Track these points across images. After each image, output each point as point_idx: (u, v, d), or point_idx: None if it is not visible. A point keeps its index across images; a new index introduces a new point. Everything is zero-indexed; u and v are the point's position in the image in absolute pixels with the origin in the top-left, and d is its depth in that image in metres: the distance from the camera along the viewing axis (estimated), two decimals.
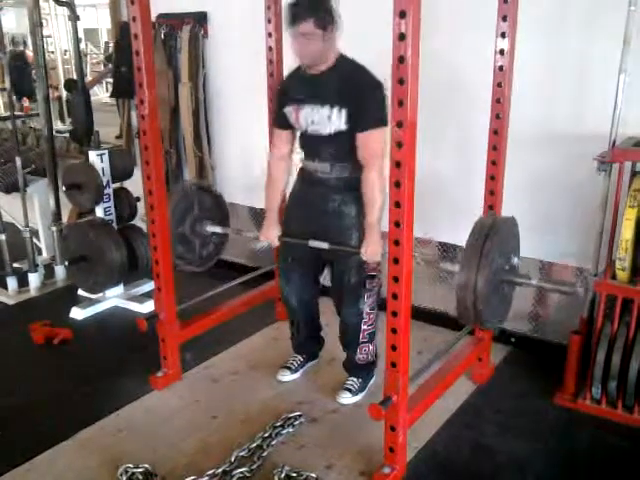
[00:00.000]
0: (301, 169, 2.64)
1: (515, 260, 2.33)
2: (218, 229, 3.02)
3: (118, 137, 4.70)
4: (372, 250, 2.38)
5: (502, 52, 2.45)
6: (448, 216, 3.23)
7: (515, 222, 2.33)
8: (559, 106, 2.82)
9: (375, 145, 2.31)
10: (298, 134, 2.58)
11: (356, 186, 2.42)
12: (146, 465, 2.26)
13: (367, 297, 2.57)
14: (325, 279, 2.81)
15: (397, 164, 1.86)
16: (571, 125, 2.79)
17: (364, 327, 2.62)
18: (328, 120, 2.39)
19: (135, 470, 2.24)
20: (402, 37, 1.73)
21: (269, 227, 2.69)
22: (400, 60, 1.75)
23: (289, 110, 2.50)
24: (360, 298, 2.57)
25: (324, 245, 2.51)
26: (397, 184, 1.88)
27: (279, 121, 2.58)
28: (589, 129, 2.71)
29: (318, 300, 2.88)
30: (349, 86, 2.34)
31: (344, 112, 2.35)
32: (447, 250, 3.32)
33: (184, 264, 2.95)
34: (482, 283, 2.08)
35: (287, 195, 2.73)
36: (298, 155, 2.64)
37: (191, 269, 3.03)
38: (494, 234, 2.14)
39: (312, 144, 2.51)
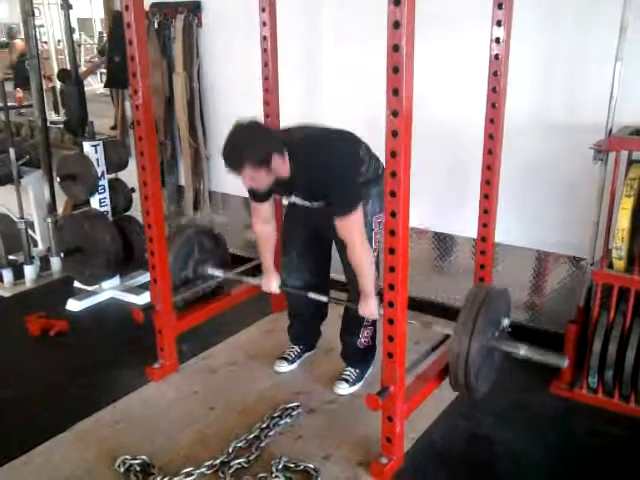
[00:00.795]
0: (290, 203, 2.68)
1: (505, 322, 2.43)
2: (219, 273, 3.10)
3: (113, 128, 4.67)
4: (369, 310, 2.47)
5: (498, 40, 2.44)
6: (444, 206, 3.23)
7: (507, 292, 2.46)
8: (555, 95, 2.81)
9: (352, 226, 2.35)
10: None
11: None
12: (144, 457, 2.27)
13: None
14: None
15: (392, 154, 1.85)
16: (567, 114, 2.78)
17: None
18: (312, 204, 2.51)
19: (133, 462, 2.25)
20: (397, 25, 1.71)
21: (269, 280, 2.80)
22: (395, 48, 1.74)
23: (277, 195, 2.63)
24: None
25: (323, 299, 2.70)
26: (393, 174, 1.87)
27: (259, 197, 2.57)
28: (585, 118, 2.70)
29: (326, 289, 2.85)
30: (315, 185, 2.40)
31: (323, 202, 2.45)
32: (443, 241, 3.32)
33: (179, 302, 2.98)
34: (473, 357, 2.21)
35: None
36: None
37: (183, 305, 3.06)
38: (485, 310, 2.25)
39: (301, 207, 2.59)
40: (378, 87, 1.93)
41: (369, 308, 2.46)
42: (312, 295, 2.69)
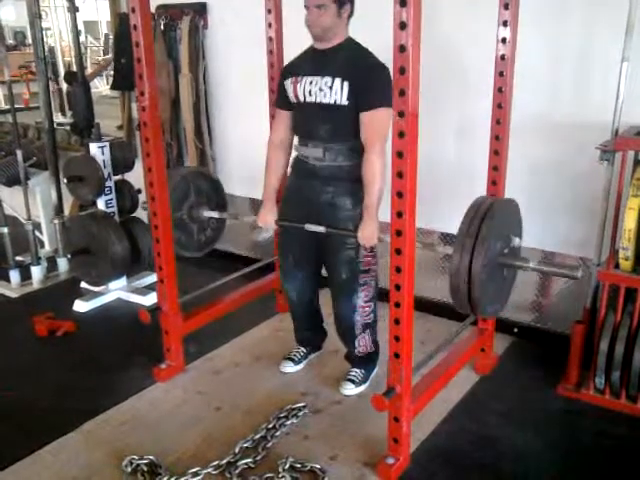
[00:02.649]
0: (294, 161, 2.63)
1: (516, 241, 2.28)
2: (215, 214, 3.02)
3: (120, 127, 4.69)
4: (368, 233, 2.36)
5: (504, 41, 2.43)
6: (451, 206, 3.22)
7: (515, 203, 2.32)
8: (562, 95, 2.80)
9: (379, 125, 2.28)
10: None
11: (350, 176, 2.42)
12: (151, 457, 2.27)
13: (361, 291, 2.56)
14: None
15: (399, 154, 1.86)
16: (573, 114, 2.77)
17: (357, 318, 2.61)
18: (330, 89, 2.35)
19: (140, 462, 2.25)
20: (403, 26, 1.72)
21: (266, 212, 2.69)
22: (401, 49, 1.74)
23: (287, 83, 2.50)
24: (353, 292, 2.56)
25: (321, 229, 2.50)
26: (400, 174, 1.88)
27: (280, 100, 2.58)
28: (592, 118, 2.69)
29: (318, 294, 2.88)
30: (356, 64, 2.34)
31: (346, 85, 2.32)
32: (450, 241, 3.32)
33: (180, 249, 2.94)
34: (477, 268, 2.04)
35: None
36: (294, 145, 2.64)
37: (188, 254, 3.03)
38: (490, 216, 2.10)
39: (307, 120, 2.48)
40: None
41: (368, 230, 2.35)
42: (308, 226, 2.52)
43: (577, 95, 2.76)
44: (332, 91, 2.35)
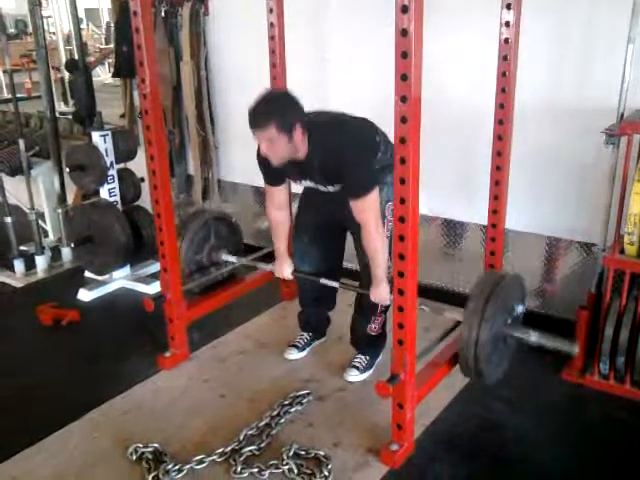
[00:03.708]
0: (305, 189, 2.69)
1: (519, 309, 2.41)
2: (233, 259, 3.11)
3: (122, 116, 4.68)
4: (381, 296, 2.48)
5: (507, 24, 2.41)
6: (454, 193, 3.21)
7: (520, 278, 2.43)
8: (566, 78, 2.77)
9: (368, 209, 2.37)
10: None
11: None
12: (155, 444, 2.28)
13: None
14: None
15: (401, 140, 1.84)
16: (579, 98, 2.74)
17: None
18: (325, 187, 2.51)
19: (145, 449, 2.26)
20: (405, 9, 1.70)
21: (282, 265, 2.80)
22: (403, 33, 1.72)
23: (289, 180, 2.61)
24: None
25: (335, 284, 2.70)
26: (402, 160, 1.86)
27: (273, 180, 2.61)
28: (597, 101, 2.66)
29: (338, 277, 2.84)
30: (332, 167, 2.38)
31: (337, 185, 2.46)
32: (452, 227, 3.30)
33: (195, 287, 3.02)
34: (483, 344, 2.20)
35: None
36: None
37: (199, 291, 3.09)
38: (496, 296, 2.23)
39: (314, 190, 2.59)
40: (387, 73, 1.90)
41: (380, 293, 2.47)
42: (324, 281, 2.69)
43: (582, 78, 2.73)
44: (327, 188, 2.51)
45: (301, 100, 2.35)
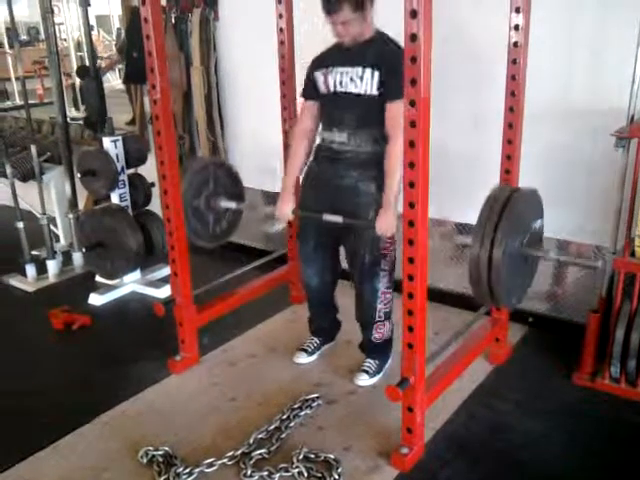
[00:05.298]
0: (317, 147, 2.64)
1: (538, 224, 2.26)
2: (232, 205, 3.02)
3: (129, 123, 4.71)
4: (386, 223, 2.37)
5: (517, 28, 2.41)
6: (464, 196, 3.21)
7: (535, 191, 2.29)
8: (576, 81, 2.77)
9: (401, 117, 2.25)
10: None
11: (374, 163, 2.43)
12: (166, 447, 2.29)
13: (382, 276, 2.57)
14: (342, 262, 2.82)
15: (411, 144, 1.85)
16: (588, 100, 2.74)
17: (380, 306, 2.63)
18: (360, 80, 2.40)
19: (155, 453, 2.27)
20: (414, 14, 1.70)
21: (283, 202, 2.70)
22: (412, 38, 1.73)
23: (318, 74, 2.52)
24: (376, 276, 2.57)
25: (338, 219, 2.51)
26: (411, 164, 1.87)
27: (307, 90, 2.59)
28: (607, 104, 2.66)
29: (336, 282, 2.88)
30: (385, 54, 2.36)
31: (377, 75, 2.36)
32: (464, 231, 3.30)
33: (195, 237, 2.95)
34: (496, 261, 2.03)
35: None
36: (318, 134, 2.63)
37: (201, 243, 3.03)
38: (510, 207, 2.07)
39: (335, 109, 2.51)
40: None
41: (387, 220, 2.37)
42: (326, 216, 2.54)
43: (592, 81, 2.73)
44: (363, 81, 2.40)
45: None
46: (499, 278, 2.06)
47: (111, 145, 3.59)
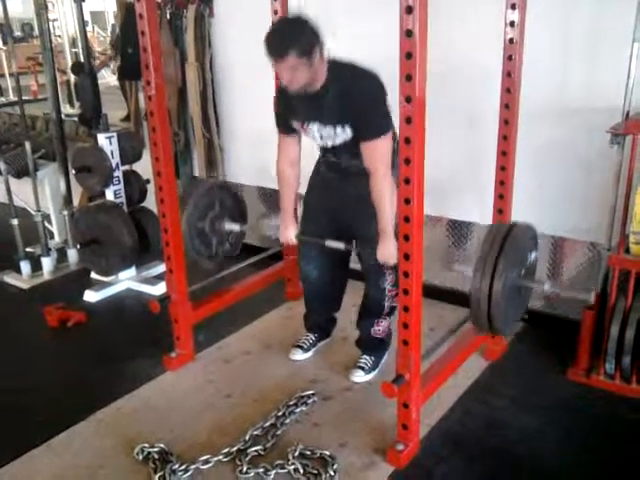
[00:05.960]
0: (318, 160, 2.66)
1: (532, 256, 2.33)
2: (236, 227, 3.07)
3: (123, 120, 4.69)
4: (387, 253, 2.39)
5: (512, 24, 2.41)
6: (458, 192, 3.21)
7: (532, 228, 2.36)
8: (571, 78, 2.77)
9: (380, 153, 2.31)
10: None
11: None
12: (162, 444, 2.29)
13: (388, 274, 2.57)
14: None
15: (406, 140, 1.84)
16: (583, 97, 2.74)
17: (387, 303, 2.64)
18: (335, 135, 2.40)
19: (151, 450, 2.27)
20: (409, 10, 1.70)
21: (286, 228, 2.74)
22: (408, 34, 1.72)
23: (295, 124, 2.51)
24: (382, 276, 2.58)
25: (340, 245, 2.58)
26: (407, 161, 1.86)
27: (284, 128, 2.57)
28: (602, 101, 2.66)
29: (344, 280, 2.87)
30: (347, 101, 2.30)
31: (347, 127, 2.36)
32: (457, 228, 3.30)
33: (198, 257, 2.98)
34: (496, 297, 2.13)
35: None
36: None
37: (203, 264, 3.05)
38: (509, 246, 2.16)
39: (327, 150, 2.53)
40: (392, 69, 1.90)
41: (387, 249, 2.38)
42: (329, 242, 2.59)
43: (587, 78, 2.73)
44: (338, 136, 2.40)
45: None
46: (498, 311, 2.16)
47: (106, 142, 3.58)
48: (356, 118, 2.31)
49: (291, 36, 2.19)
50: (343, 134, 2.39)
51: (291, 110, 2.48)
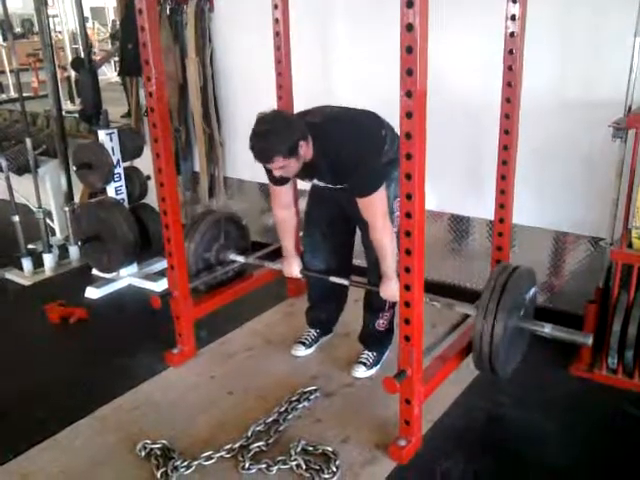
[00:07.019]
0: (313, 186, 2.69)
1: (531, 292, 2.43)
2: (241, 259, 3.12)
3: (124, 116, 4.69)
4: (390, 293, 2.48)
5: (513, 18, 2.39)
6: (460, 187, 3.20)
7: (532, 271, 2.46)
8: (573, 71, 2.76)
9: (374, 207, 2.37)
10: None
11: None
12: (164, 441, 2.29)
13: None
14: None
15: (407, 135, 1.83)
16: (586, 91, 2.73)
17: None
18: (334, 186, 2.49)
19: (153, 446, 2.27)
20: (410, 4, 1.69)
21: (290, 265, 2.81)
22: (408, 28, 1.71)
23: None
24: None
25: (345, 282, 2.70)
26: (408, 156, 1.86)
27: (278, 182, 2.57)
28: (604, 95, 2.65)
29: (348, 274, 2.87)
30: (337, 168, 2.38)
31: (341, 185, 2.44)
32: (459, 223, 3.29)
33: (201, 284, 3.02)
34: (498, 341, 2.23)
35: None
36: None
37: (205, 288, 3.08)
38: (509, 292, 2.25)
39: (321, 189, 2.59)
40: (393, 67, 1.90)
41: (390, 290, 2.46)
42: (333, 279, 2.70)
43: (589, 72, 2.71)
44: (336, 186, 2.48)
45: (306, 94, 2.33)
46: (498, 356, 2.26)
47: (106, 138, 3.57)
48: (349, 180, 2.38)
49: (275, 142, 2.22)
50: (339, 185, 2.47)
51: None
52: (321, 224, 2.74)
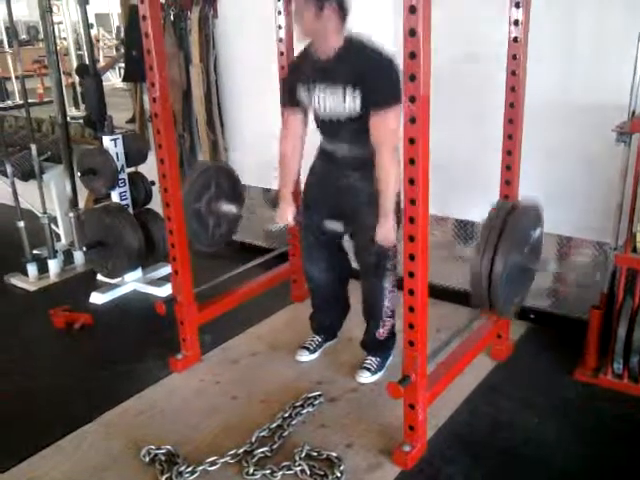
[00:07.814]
0: (320, 149, 2.64)
1: (537, 233, 2.30)
2: (233, 208, 3.02)
3: (129, 121, 4.70)
4: (384, 232, 2.38)
5: (517, 23, 2.40)
6: (464, 192, 3.20)
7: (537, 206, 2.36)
8: (577, 76, 2.75)
9: (387, 126, 2.27)
10: (312, 116, 2.56)
11: (374, 165, 2.41)
12: (168, 446, 2.29)
13: (388, 275, 2.58)
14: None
15: (411, 140, 1.84)
16: (589, 95, 2.72)
17: (387, 303, 2.63)
18: (343, 104, 2.36)
19: (158, 451, 2.27)
20: (412, 10, 1.69)
21: (284, 209, 2.69)
22: (411, 33, 1.72)
23: (300, 90, 2.49)
24: (381, 275, 2.57)
25: (339, 226, 2.54)
26: (411, 161, 1.86)
27: (290, 99, 2.55)
28: (608, 99, 2.64)
29: (346, 279, 2.87)
30: (360, 67, 2.28)
31: (358, 93, 2.31)
32: (464, 227, 3.29)
33: (195, 241, 2.95)
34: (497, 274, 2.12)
35: (305, 172, 2.73)
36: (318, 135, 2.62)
37: (203, 248, 3.03)
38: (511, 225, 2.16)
39: (329, 126, 2.50)
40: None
41: (386, 230, 2.37)
42: (328, 223, 2.57)
43: (593, 76, 2.71)
44: (345, 104, 2.35)
45: None
46: (497, 294, 2.17)
47: (111, 144, 3.58)
48: (368, 83, 2.26)
49: None
50: (352, 103, 2.33)
51: (301, 74, 2.46)
52: (316, 231, 2.69)
